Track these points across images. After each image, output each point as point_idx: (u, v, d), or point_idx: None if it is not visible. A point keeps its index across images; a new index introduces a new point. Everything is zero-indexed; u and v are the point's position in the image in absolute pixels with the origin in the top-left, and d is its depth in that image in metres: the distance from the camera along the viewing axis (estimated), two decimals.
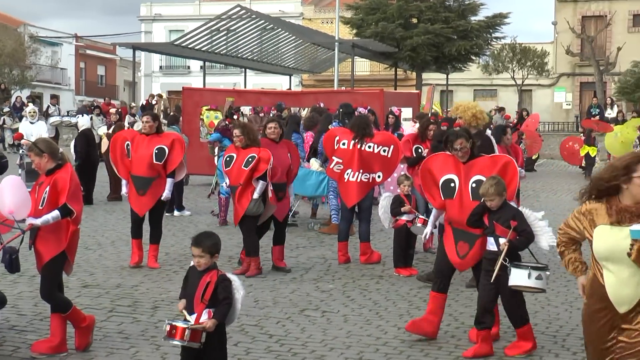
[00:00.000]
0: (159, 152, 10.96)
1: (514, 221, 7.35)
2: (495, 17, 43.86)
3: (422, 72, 43.73)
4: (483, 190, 7.45)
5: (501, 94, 54.15)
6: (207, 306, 6.05)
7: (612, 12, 50.21)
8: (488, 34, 44.24)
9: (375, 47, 38.57)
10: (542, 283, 7.29)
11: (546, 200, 19.61)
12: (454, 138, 7.97)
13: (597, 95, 39.01)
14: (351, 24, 43.29)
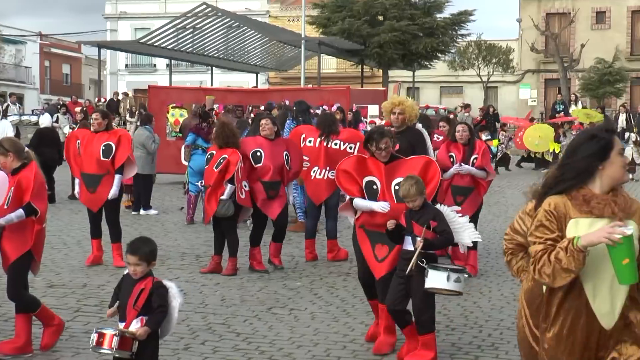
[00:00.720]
0: (106, 148, 10.92)
1: (434, 221, 7.09)
2: (460, 14, 44.08)
3: (389, 70, 43.85)
4: (404, 192, 7.14)
5: (467, 90, 54.45)
6: (139, 314, 5.78)
7: (575, 9, 50.63)
8: (454, 31, 44.46)
9: (342, 44, 38.63)
10: (460, 286, 7.03)
11: (512, 197, 19.73)
12: (380, 137, 7.63)
13: (562, 92, 39.31)
14: (317, 21, 43.31)
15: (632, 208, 4.42)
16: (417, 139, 10.19)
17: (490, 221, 15.64)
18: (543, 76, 53.47)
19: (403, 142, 9.72)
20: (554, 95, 41.98)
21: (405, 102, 10.32)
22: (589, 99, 43.49)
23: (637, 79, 51.14)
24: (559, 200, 4.36)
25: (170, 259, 11.69)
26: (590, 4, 52.55)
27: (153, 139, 16.41)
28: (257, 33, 38.13)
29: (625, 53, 50.87)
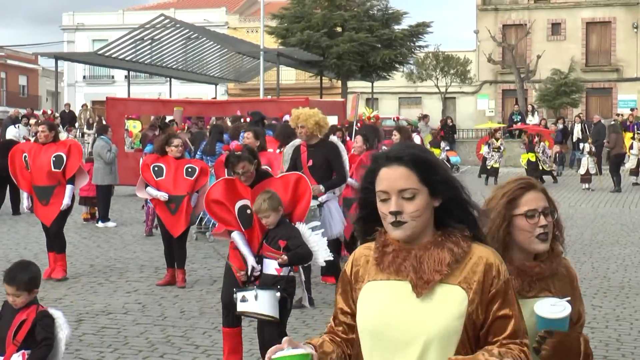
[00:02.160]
0: (57, 159, 10.85)
1: (284, 240, 6.61)
2: (418, 26, 44.36)
3: (348, 81, 43.99)
4: (256, 207, 6.68)
5: (425, 101, 54.72)
6: (20, 347, 5.17)
7: (531, 21, 51.17)
8: (412, 42, 44.73)
9: (301, 55, 38.69)
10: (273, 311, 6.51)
11: None
12: (236, 161, 7.08)
13: (519, 103, 39.68)
14: (276, 33, 43.34)
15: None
16: (332, 152, 9.77)
17: None
18: (500, 87, 53.91)
19: (318, 156, 9.53)
20: (512, 106, 42.35)
21: (300, 115, 9.67)
22: (546, 109, 43.91)
23: (592, 90, 51.77)
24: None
25: (129, 271, 11.62)
26: (546, 16, 53.17)
27: (109, 148, 16.32)
28: (216, 44, 38.07)
29: (580, 64, 51.46)
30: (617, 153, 23.96)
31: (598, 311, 9.40)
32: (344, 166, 9.75)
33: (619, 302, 9.84)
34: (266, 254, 6.71)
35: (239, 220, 7.10)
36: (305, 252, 6.75)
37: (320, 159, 9.52)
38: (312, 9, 42.66)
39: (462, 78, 51.07)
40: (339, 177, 9.74)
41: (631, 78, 52.39)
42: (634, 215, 18.41)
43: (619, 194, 22.46)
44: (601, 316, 9.17)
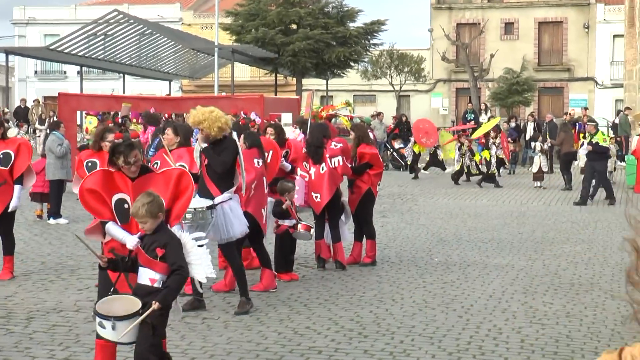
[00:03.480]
0: (4, 157, 10.63)
1: (162, 249, 6.16)
2: (373, 23, 44.49)
3: (302, 78, 44.00)
4: (133, 210, 6.29)
5: (380, 99, 54.92)
6: None
7: (485, 20, 51.59)
8: (366, 40, 44.85)
9: (255, 52, 38.62)
10: (132, 336, 6.05)
11: (424, 204, 19.98)
12: (129, 150, 6.85)
13: (472, 101, 39.94)
14: (231, 29, 43.21)
15: None
16: (225, 147, 9.27)
17: (402, 229, 15.80)
18: (454, 85, 54.29)
19: (212, 155, 9.12)
20: (465, 104, 42.63)
21: (204, 122, 9.04)
22: (499, 108, 44.27)
23: (545, 89, 52.36)
24: None
25: (81, 268, 11.52)
26: (500, 15, 53.65)
27: (60, 143, 16.16)
28: (170, 40, 37.86)
29: (532, 63, 52.00)
30: (567, 151, 24.23)
31: (549, 308, 9.51)
32: (221, 163, 9.13)
33: (569, 299, 9.96)
34: (140, 261, 6.25)
35: (115, 214, 6.92)
36: (185, 272, 6.23)
37: (219, 157, 9.18)
38: (267, 6, 42.59)
39: (416, 76, 51.35)
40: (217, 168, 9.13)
41: (582, 78, 53.08)
42: (585, 213, 18.64)
43: (570, 192, 22.71)
44: (552, 313, 9.28)
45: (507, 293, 10.28)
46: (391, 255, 12.78)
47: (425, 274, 11.41)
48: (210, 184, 9.10)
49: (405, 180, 26.52)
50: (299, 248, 12.22)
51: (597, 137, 20.76)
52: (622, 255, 13.11)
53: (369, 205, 12.27)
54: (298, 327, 8.63)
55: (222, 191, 9.09)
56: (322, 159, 11.62)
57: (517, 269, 11.82)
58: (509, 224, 16.65)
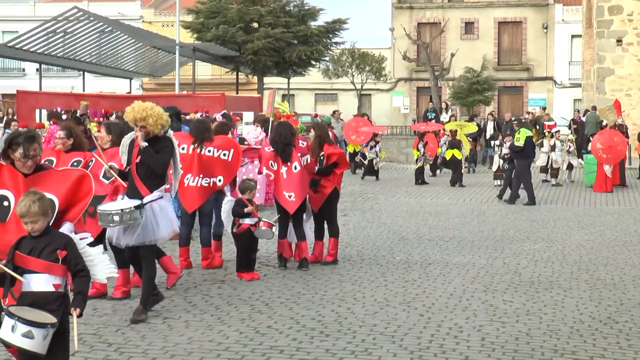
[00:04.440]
0: None
1: (63, 250, 5.73)
2: (334, 22, 44.53)
3: (264, 77, 43.93)
4: (22, 210, 5.70)
5: (341, 98, 55.02)
6: None
7: (445, 19, 51.91)
8: (328, 39, 44.88)
9: (217, 50, 38.48)
10: (32, 343, 5.47)
11: (385, 203, 20.04)
12: (28, 142, 6.38)
13: (433, 100, 40.15)
14: (192, 27, 43.03)
15: None
16: (163, 145, 8.98)
17: (363, 228, 15.83)
18: (415, 84, 54.53)
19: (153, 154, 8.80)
20: (426, 103, 42.84)
21: (149, 118, 8.80)
22: (459, 107, 44.55)
23: (504, 88, 52.78)
24: None
25: None
26: (460, 15, 54.01)
27: None
28: (131, 38, 37.60)
29: (492, 63, 52.42)
30: None
31: (509, 306, 9.58)
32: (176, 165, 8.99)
33: (529, 297, 10.03)
34: (34, 267, 5.72)
35: None
36: (88, 273, 5.90)
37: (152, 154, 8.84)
38: (228, 4, 42.49)
39: (377, 75, 51.48)
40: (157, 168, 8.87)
41: (541, 77, 53.60)
42: (544, 211, 18.80)
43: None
44: (512, 311, 9.34)
45: (467, 291, 10.33)
46: (353, 254, 12.79)
47: (387, 272, 11.44)
48: (140, 184, 8.82)
49: (366, 179, 26.58)
50: (261, 247, 12.20)
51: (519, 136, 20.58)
52: (580, 253, 13.24)
53: (335, 203, 12.28)
54: (259, 326, 8.61)
55: (152, 190, 8.82)
56: (291, 157, 11.58)
57: (478, 267, 11.89)
58: (469, 223, 16.74)
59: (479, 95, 43.59)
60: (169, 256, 10.30)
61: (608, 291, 10.43)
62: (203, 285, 10.53)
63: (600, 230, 15.82)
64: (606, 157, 22.70)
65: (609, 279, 11.22)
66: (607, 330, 8.62)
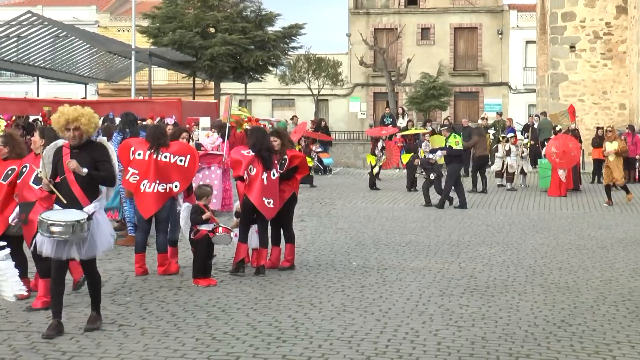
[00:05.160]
0: None
1: None
2: (291, 27, 44.56)
3: (221, 82, 43.82)
4: None
5: (299, 103, 55.03)
6: None
7: (402, 25, 52.18)
8: (285, 44, 44.88)
9: (173, 56, 38.31)
10: None
11: (342, 208, 20.08)
12: None
13: (390, 105, 40.33)
14: (148, 32, 42.81)
15: None
16: (101, 153, 8.60)
17: (321, 233, 15.84)
18: (372, 90, 54.71)
19: (85, 158, 8.44)
20: (383, 109, 43.01)
21: (82, 117, 8.42)
22: (416, 112, 44.77)
23: (460, 93, 53.16)
24: None
25: None
26: (416, 21, 54.31)
27: None
28: (86, 43, 37.32)
29: (448, 68, 52.74)
30: (481, 155, 24.65)
31: (465, 310, 9.64)
32: (113, 169, 8.69)
33: (484, 301, 10.11)
34: None
35: None
36: None
37: (87, 161, 8.41)
38: (184, 9, 42.34)
39: (334, 80, 51.58)
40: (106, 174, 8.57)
41: (496, 83, 54.06)
42: (500, 216, 18.96)
43: (485, 196, 23.09)
44: (467, 315, 9.41)
45: (424, 296, 10.39)
46: (310, 260, 12.80)
47: (344, 277, 11.46)
48: (81, 194, 8.38)
49: (323, 184, 26.60)
50: (218, 253, 12.16)
51: (450, 141, 20.78)
52: (535, 257, 13.38)
53: (293, 208, 12.29)
54: (216, 332, 8.58)
55: (91, 200, 8.43)
56: (273, 164, 11.56)
57: (434, 272, 11.95)
58: (426, 227, 16.83)
59: (435, 100, 43.82)
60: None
61: (562, 295, 10.54)
62: (159, 292, 10.47)
63: (555, 235, 15.99)
64: (560, 162, 22.95)
65: (563, 282, 11.34)
66: (561, 333, 8.71)
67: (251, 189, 11.38)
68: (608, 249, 14.24)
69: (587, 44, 36.00)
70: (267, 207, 11.41)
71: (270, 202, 11.40)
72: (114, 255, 12.81)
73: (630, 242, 15.11)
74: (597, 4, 35.82)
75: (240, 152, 11.71)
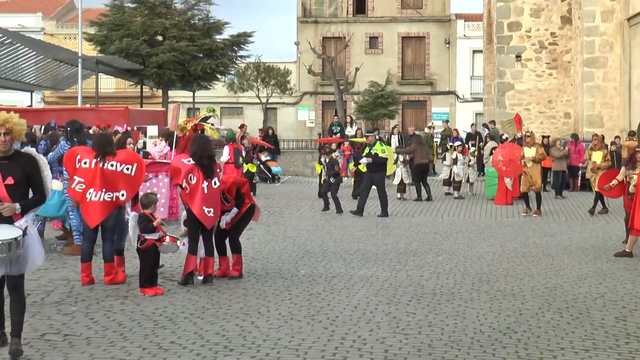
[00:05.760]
0: None
1: None
2: (239, 36, 44.49)
3: (169, 90, 43.59)
4: None
5: (247, 111, 54.99)
6: None
7: (350, 34, 52.42)
8: (233, 52, 44.81)
9: (120, 63, 38.04)
10: None
11: (290, 217, 20.08)
12: None
13: (338, 114, 40.47)
14: (95, 40, 42.45)
15: None
16: (32, 166, 8.07)
17: (269, 242, 15.82)
18: (321, 98, 54.88)
19: (17, 171, 7.92)
20: (331, 117, 43.11)
21: (12, 119, 7.95)
22: (364, 120, 44.96)
23: (408, 102, 53.54)
24: None
25: None
26: (364, 29, 54.64)
27: None
28: (32, 50, 36.85)
29: (396, 77, 53.11)
30: (419, 163, 24.79)
31: (412, 317, 9.70)
32: (45, 183, 8.23)
33: (431, 309, 10.18)
34: None
35: None
36: None
37: (20, 174, 7.92)
38: (131, 17, 42.06)
39: (282, 89, 51.63)
40: (37, 196, 8.14)
41: (444, 91, 54.59)
42: (447, 224, 19.11)
43: (432, 204, 23.25)
44: (414, 322, 9.47)
45: (371, 304, 10.43)
46: (257, 268, 12.79)
47: (292, 286, 11.46)
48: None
49: (272, 192, 26.59)
50: (165, 262, 12.10)
51: (375, 148, 20.58)
52: (481, 264, 13.51)
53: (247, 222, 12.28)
54: (163, 342, 8.53)
55: (23, 215, 7.97)
56: (214, 172, 11.51)
57: (382, 280, 12.01)
58: (374, 236, 16.90)
59: (383, 109, 44.07)
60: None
61: (507, 302, 10.66)
62: (105, 301, 10.38)
63: (501, 242, 16.16)
64: (506, 170, 23.18)
65: (509, 289, 11.47)
66: (507, 340, 8.81)
67: (192, 199, 11.33)
68: (553, 256, 14.43)
69: (533, 54, 36.45)
70: (207, 216, 11.36)
71: (210, 210, 11.35)
72: (60, 265, 12.69)
73: (574, 249, 15.32)
74: (542, 14, 36.30)
75: (181, 161, 11.67)
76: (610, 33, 33.41)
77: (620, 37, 33.20)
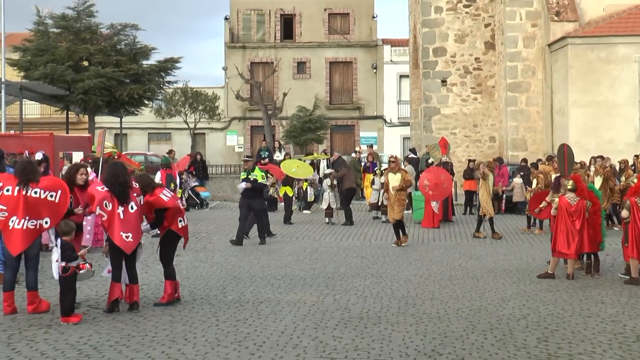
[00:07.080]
0: None
1: None
2: (167, 61, 44.27)
3: (95, 116, 43.12)
4: None
5: (175, 137, 54.73)
6: None
7: (278, 59, 52.64)
8: (160, 78, 44.55)
9: (45, 89, 37.51)
10: None
11: (218, 242, 20.00)
12: None
13: (267, 139, 40.48)
14: (19, 65, 41.85)
15: None
16: None
17: (196, 267, 15.74)
18: (249, 123, 54.90)
19: None
20: (260, 142, 43.14)
21: None
22: (293, 145, 45.09)
23: (336, 127, 53.89)
24: None
25: None
26: (292, 55, 54.93)
27: None
28: None
29: (325, 102, 53.44)
30: (349, 187, 25.00)
31: (338, 342, 9.74)
32: None
33: (358, 333, 10.24)
34: None
35: None
36: None
37: None
38: (56, 42, 41.57)
39: (210, 114, 51.53)
40: None
41: (372, 116, 55.06)
42: (374, 248, 19.22)
43: (360, 228, 23.37)
44: (341, 347, 9.51)
45: (298, 329, 10.45)
46: (185, 294, 12.71)
47: (219, 312, 11.43)
48: None
49: (200, 218, 26.47)
50: (90, 289, 11.96)
51: (255, 174, 19.99)
52: (408, 288, 13.63)
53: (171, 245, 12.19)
54: None
55: None
56: (130, 198, 11.43)
57: (309, 305, 12.04)
58: (302, 260, 16.93)
59: (311, 133, 44.28)
60: None
61: (433, 324, 10.77)
62: (28, 331, 10.22)
63: (428, 265, 16.32)
64: (433, 193, 23.43)
65: (435, 312, 11.59)
66: None
67: (110, 226, 11.28)
68: (478, 279, 14.63)
69: (458, 79, 37.03)
70: (125, 241, 11.29)
71: (128, 235, 11.30)
72: None
73: (499, 271, 15.55)
74: (466, 40, 36.93)
75: (95, 188, 11.61)
76: (532, 59, 34.14)
77: (542, 62, 33.95)
